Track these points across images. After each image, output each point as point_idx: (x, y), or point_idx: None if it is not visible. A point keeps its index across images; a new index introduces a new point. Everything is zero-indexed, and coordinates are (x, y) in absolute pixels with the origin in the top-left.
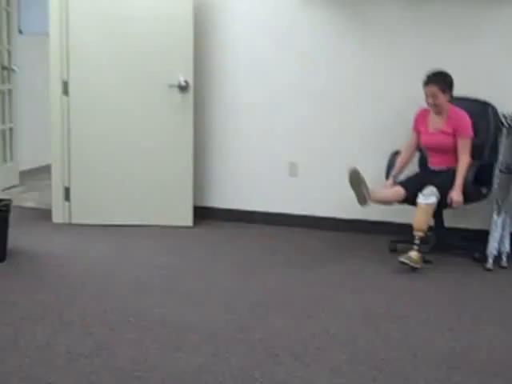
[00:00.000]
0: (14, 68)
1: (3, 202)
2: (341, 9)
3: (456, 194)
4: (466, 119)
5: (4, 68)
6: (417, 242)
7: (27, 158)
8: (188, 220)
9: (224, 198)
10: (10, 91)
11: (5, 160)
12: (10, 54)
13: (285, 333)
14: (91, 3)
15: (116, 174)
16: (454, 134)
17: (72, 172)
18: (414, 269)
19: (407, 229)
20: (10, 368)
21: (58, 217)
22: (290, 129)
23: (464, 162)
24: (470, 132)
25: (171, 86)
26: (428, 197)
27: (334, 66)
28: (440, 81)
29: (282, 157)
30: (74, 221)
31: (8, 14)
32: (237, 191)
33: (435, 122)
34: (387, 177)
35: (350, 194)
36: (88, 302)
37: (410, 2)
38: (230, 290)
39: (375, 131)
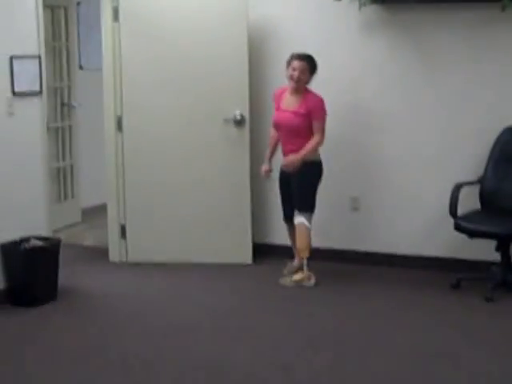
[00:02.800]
0: (74, 104)
1: (52, 241)
2: (399, 33)
3: (293, 157)
4: (321, 102)
5: (64, 104)
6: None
7: (89, 195)
8: (247, 257)
9: (284, 235)
10: (70, 127)
11: (66, 197)
12: (70, 89)
13: (328, 372)
14: (144, 39)
15: (172, 210)
16: (308, 116)
17: (127, 209)
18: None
19: (470, 265)
20: None
21: (114, 255)
22: (350, 161)
23: (315, 139)
24: (324, 115)
25: (227, 121)
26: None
27: (390, 93)
28: (311, 62)
29: (343, 191)
30: (130, 259)
31: (68, 50)
32: None
33: (289, 102)
34: (451, 211)
35: (409, 229)
36: (133, 342)
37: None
38: (279, 329)
39: (435, 161)
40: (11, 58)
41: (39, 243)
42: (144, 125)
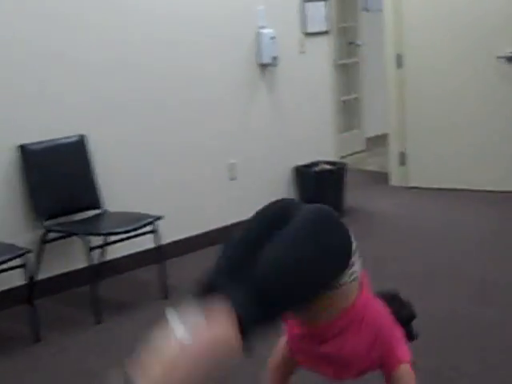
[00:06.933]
0: (359, 42)
1: (339, 165)
2: None
3: None
4: None
5: (350, 43)
6: None
7: (373, 126)
8: None
9: None
10: (355, 64)
11: (352, 127)
12: (355, 29)
13: None
14: None
15: (450, 139)
16: None
17: (407, 138)
18: None
19: None
20: None
21: (394, 180)
22: None
23: None
24: None
25: (499, 58)
26: None
27: None
28: None
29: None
30: (410, 184)
31: None
32: None
33: None
34: None
35: None
36: (408, 255)
37: None
38: None
39: None
40: (303, 2)
41: (328, 167)
42: (423, 61)
